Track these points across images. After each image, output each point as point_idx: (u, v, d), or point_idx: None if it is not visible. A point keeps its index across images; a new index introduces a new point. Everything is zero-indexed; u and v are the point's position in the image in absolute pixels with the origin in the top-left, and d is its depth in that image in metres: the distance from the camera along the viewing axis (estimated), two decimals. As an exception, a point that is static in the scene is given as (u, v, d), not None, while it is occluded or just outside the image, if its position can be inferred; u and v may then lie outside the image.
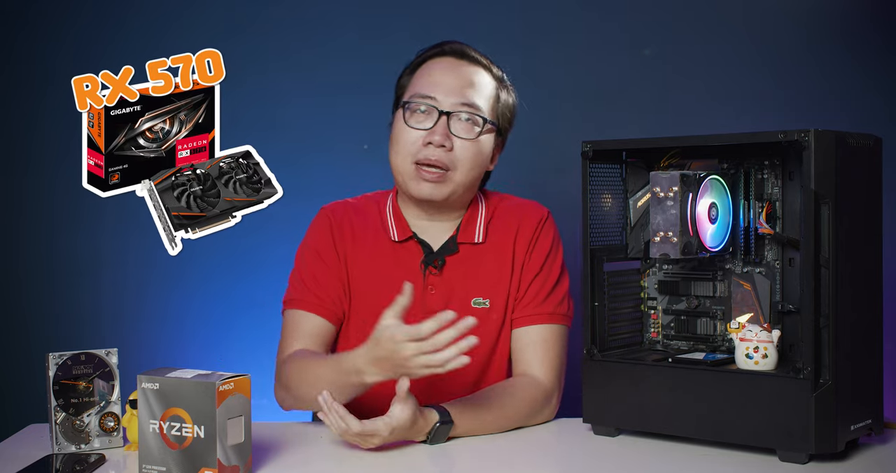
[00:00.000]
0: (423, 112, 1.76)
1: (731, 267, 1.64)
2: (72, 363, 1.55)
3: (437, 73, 1.78)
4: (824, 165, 1.41)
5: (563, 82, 2.62)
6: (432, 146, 1.73)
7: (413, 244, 1.81)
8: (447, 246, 1.81)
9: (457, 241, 1.81)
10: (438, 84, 1.76)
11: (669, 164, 1.66)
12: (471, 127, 1.76)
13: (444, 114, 1.74)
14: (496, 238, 1.83)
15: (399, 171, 1.78)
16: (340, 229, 1.83)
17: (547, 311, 1.79)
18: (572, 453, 1.59)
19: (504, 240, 1.82)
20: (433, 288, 1.79)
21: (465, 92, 1.76)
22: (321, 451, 1.55)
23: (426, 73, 1.79)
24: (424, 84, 1.77)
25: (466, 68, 1.79)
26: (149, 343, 2.69)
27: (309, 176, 2.60)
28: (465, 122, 1.76)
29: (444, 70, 1.78)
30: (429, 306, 1.77)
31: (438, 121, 1.74)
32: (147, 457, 1.38)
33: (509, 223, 1.84)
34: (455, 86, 1.76)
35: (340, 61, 2.68)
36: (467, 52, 1.80)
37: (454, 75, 1.77)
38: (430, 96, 1.76)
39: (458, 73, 1.78)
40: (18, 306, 2.72)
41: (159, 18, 2.67)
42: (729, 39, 2.58)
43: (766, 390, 1.43)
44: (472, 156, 1.76)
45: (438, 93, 1.75)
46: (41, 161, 2.70)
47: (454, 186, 1.76)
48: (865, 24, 2.54)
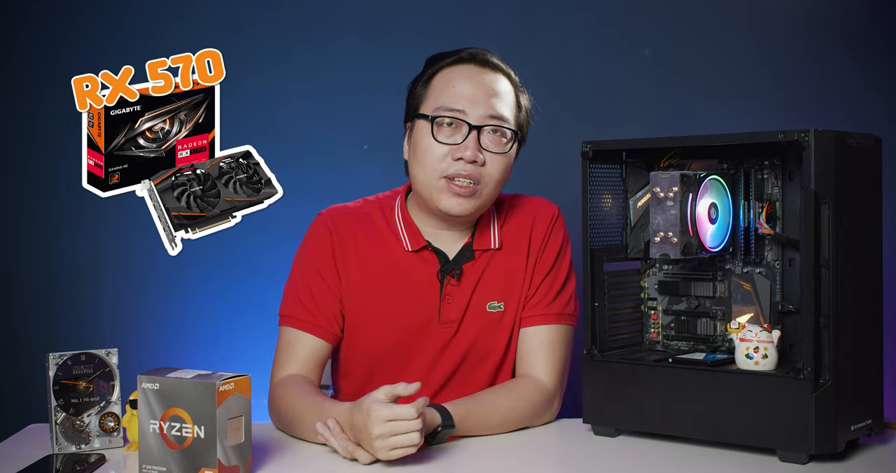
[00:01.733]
0: (451, 126, 1.71)
1: (731, 268, 1.64)
2: (72, 363, 1.55)
3: (460, 83, 1.72)
4: (824, 165, 1.41)
5: (563, 82, 2.62)
6: (463, 161, 1.69)
7: (428, 253, 1.77)
8: (463, 254, 1.77)
9: (472, 249, 1.78)
10: (464, 95, 1.70)
11: (669, 164, 1.66)
12: (500, 140, 1.72)
13: (474, 128, 1.69)
14: (510, 239, 1.80)
15: (426, 186, 1.72)
16: (340, 240, 1.78)
17: (555, 312, 1.78)
18: (572, 453, 1.59)
19: (519, 241, 1.80)
20: (450, 297, 1.76)
21: (491, 103, 1.71)
22: (321, 451, 1.54)
23: (448, 84, 1.73)
24: (449, 96, 1.71)
25: (489, 76, 1.73)
26: (149, 343, 2.69)
27: (309, 176, 2.60)
28: (494, 135, 1.71)
29: (467, 80, 1.72)
30: (445, 316, 1.76)
31: (468, 135, 1.69)
32: (147, 457, 1.38)
33: (523, 222, 1.81)
34: (481, 98, 1.70)
35: (340, 62, 2.68)
36: (488, 58, 1.75)
37: (478, 85, 1.71)
38: (458, 109, 1.70)
39: (481, 82, 1.72)
40: (18, 306, 2.72)
41: (159, 18, 2.67)
42: (729, 39, 2.58)
43: (766, 390, 1.43)
44: (501, 170, 1.72)
45: (465, 105, 1.70)
46: (41, 161, 2.70)
47: (483, 200, 1.72)
48: (865, 24, 2.54)
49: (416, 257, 1.77)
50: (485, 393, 1.69)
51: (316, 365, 1.75)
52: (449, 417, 1.55)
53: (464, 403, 1.62)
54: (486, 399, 1.66)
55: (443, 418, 1.55)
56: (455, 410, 1.58)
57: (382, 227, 1.80)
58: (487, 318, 1.77)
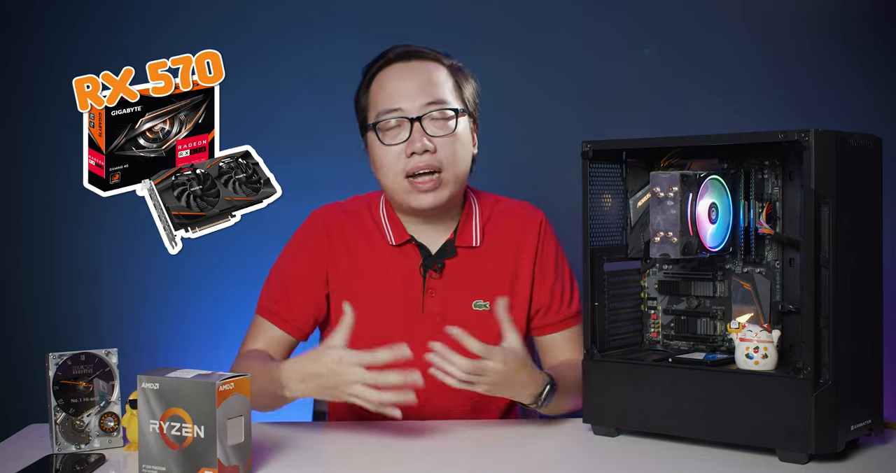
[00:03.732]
0: (395, 126, 1.74)
1: (731, 267, 1.64)
2: (72, 363, 1.55)
3: (391, 82, 1.75)
4: (824, 165, 1.41)
5: (563, 82, 2.62)
6: (416, 155, 1.71)
7: (411, 247, 1.81)
8: (445, 250, 1.80)
9: (455, 245, 1.80)
10: (397, 94, 1.74)
11: (669, 164, 1.66)
12: (444, 123, 1.74)
13: (414, 120, 1.72)
14: (494, 240, 1.83)
15: (393, 190, 1.76)
16: (330, 239, 1.82)
17: (572, 315, 1.84)
18: (572, 453, 1.59)
19: (504, 243, 1.82)
20: (433, 291, 1.79)
21: (425, 91, 1.73)
22: (321, 451, 1.55)
23: (380, 87, 1.76)
24: (384, 98, 1.75)
25: (417, 67, 1.76)
26: (149, 343, 2.69)
27: (308, 175, 2.60)
28: (437, 121, 1.74)
29: (397, 77, 1.75)
30: (428, 309, 1.78)
31: (412, 129, 1.72)
32: (147, 457, 1.38)
33: (508, 226, 1.84)
34: (413, 90, 1.73)
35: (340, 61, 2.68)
36: (411, 51, 1.78)
37: (408, 78, 1.75)
38: (394, 108, 1.73)
39: (411, 75, 1.75)
40: (18, 306, 2.72)
41: (159, 19, 2.67)
42: (729, 39, 2.58)
43: (766, 390, 1.43)
44: (457, 150, 1.75)
45: (401, 102, 1.73)
46: (41, 161, 2.70)
47: (451, 186, 1.75)
48: (865, 24, 2.54)
49: (399, 251, 1.80)
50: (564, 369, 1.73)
51: (279, 352, 1.81)
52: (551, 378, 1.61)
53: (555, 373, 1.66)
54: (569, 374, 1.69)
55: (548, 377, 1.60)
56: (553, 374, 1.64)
57: (368, 223, 1.83)
58: (473, 316, 1.79)
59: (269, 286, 1.84)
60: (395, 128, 1.74)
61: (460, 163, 1.76)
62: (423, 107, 1.73)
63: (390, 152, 1.73)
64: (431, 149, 1.72)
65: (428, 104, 1.73)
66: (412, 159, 1.72)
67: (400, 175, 1.73)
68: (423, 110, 1.73)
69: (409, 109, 1.73)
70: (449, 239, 1.81)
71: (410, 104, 1.73)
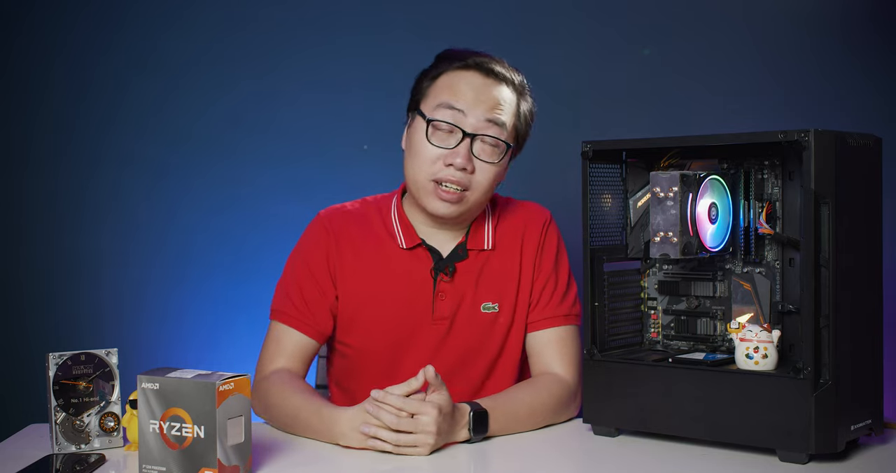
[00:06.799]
0: (447, 130, 1.72)
1: (731, 267, 1.64)
2: (72, 363, 1.55)
3: (461, 88, 1.72)
4: (824, 165, 1.41)
5: (563, 82, 2.62)
6: (453, 167, 1.70)
7: (422, 251, 1.79)
8: (456, 253, 1.79)
9: (466, 248, 1.80)
10: (463, 101, 1.71)
11: (669, 164, 1.66)
12: (493, 150, 1.73)
13: (467, 135, 1.70)
14: (503, 242, 1.82)
15: (415, 184, 1.75)
16: (337, 241, 1.80)
17: (563, 313, 1.81)
18: (572, 453, 1.59)
19: (511, 244, 1.82)
20: (444, 294, 1.78)
21: (489, 113, 1.71)
22: (321, 451, 1.54)
23: (449, 87, 1.73)
24: (449, 98, 1.72)
25: (492, 86, 1.73)
26: (149, 343, 2.69)
27: (308, 176, 2.60)
28: (487, 145, 1.73)
29: (468, 86, 1.72)
30: (438, 313, 1.77)
31: (461, 142, 1.70)
32: (147, 457, 1.38)
33: (515, 226, 1.83)
34: (479, 106, 1.71)
35: (340, 61, 2.68)
36: (493, 67, 1.74)
37: (479, 93, 1.72)
38: (456, 109, 1.71)
39: (483, 90, 1.72)
40: (18, 306, 2.72)
41: (159, 19, 2.67)
42: (729, 39, 2.58)
43: (766, 390, 1.43)
44: (491, 179, 1.74)
45: (463, 110, 1.71)
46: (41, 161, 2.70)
47: (469, 206, 1.74)
48: (865, 24, 2.54)
49: (410, 255, 1.79)
50: (509, 390, 1.71)
51: (302, 361, 1.78)
52: (477, 405, 1.58)
53: (491, 400, 1.64)
54: (510, 393, 1.68)
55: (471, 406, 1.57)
56: (484, 404, 1.59)
57: (378, 227, 1.82)
58: (482, 319, 1.79)
59: (285, 291, 1.80)
60: (446, 133, 1.72)
61: (487, 191, 1.75)
62: (480, 127, 1.71)
63: (431, 151, 1.71)
64: (469, 169, 1.71)
65: (486, 125, 1.71)
66: (448, 169, 1.70)
67: (427, 175, 1.72)
68: (479, 130, 1.71)
69: (467, 122, 1.71)
70: (461, 243, 1.80)
71: (470, 117, 1.71)
